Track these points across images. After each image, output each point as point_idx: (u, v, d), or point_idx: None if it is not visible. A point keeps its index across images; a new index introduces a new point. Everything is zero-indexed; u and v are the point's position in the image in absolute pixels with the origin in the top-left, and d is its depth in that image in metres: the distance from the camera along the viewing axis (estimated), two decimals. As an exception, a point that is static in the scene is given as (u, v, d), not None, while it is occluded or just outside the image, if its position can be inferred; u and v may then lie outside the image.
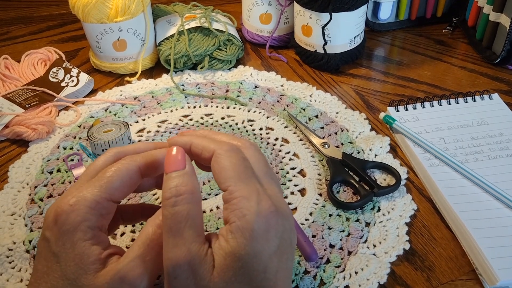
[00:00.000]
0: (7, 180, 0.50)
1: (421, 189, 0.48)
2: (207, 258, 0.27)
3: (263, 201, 0.28)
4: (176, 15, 0.69)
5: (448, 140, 0.52)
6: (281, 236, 0.28)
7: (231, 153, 0.30)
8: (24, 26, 0.81)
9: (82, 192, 0.29)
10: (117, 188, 0.30)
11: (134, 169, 0.31)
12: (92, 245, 0.28)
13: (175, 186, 0.28)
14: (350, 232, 0.43)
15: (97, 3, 0.59)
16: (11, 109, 0.56)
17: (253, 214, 0.27)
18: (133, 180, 0.31)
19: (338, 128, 0.55)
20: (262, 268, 0.27)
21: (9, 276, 0.40)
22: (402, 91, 0.62)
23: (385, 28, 0.75)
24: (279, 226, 0.28)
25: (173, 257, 0.27)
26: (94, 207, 0.29)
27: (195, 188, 0.29)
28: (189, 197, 0.28)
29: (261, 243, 0.27)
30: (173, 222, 0.27)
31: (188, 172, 0.29)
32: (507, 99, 0.58)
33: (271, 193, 0.30)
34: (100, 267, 0.28)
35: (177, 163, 0.29)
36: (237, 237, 0.27)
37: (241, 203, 0.28)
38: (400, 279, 0.40)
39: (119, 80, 0.66)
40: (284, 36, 0.71)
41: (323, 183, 0.48)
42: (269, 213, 0.28)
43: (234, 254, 0.27)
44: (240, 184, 0.28)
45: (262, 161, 0.32)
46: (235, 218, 0.27)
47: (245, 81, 0.64)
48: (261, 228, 0.27)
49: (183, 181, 0.28)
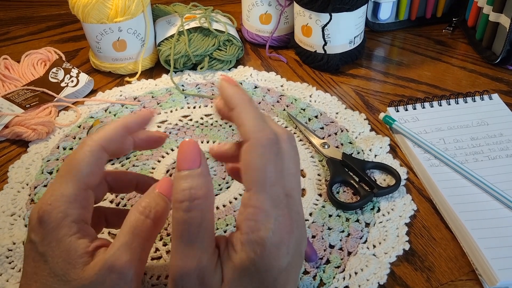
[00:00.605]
0: (7, 181, 0.50)
1: (421, 189, 0.48)
2: (217, 270, 0.27)
3: (280, 217, 0.27)
4: (176, 15, 0.69)
5: (448, 140, 0.52)
6: (293, 253, 0.28)
7: (266, 149, 0.27)
8: (24, 26, 0.81)
9: (57, 189, 0.29)
10: (88, 173, 0.30)
11: (97, 149, 0.30)
12: (78, 239, 0.28)
13: (189, 189, 0.26)
14: (350, 233, 0.43)
15: (97, 4, 0.59)
16: (11, 109, 0.56)
17: (267, 230, 0.26)
18: (100, 159, 0.31)
19: (338, 129, 0.55)
20: (271, 282, 0.27)
21: (9, 277, 0.40)
22: (402, 92, 0.62)
23: (385, 28, 0.75)
24: (291, 242, 0.27)
25: (182, 266, 0.26)
26: (73, 201, 0.29)
27: (210, 192, 0.27)
28: (203, 202, 0.27)
29: (272, 260, 0.26)
30: (185, 229, 0.26)
31: (203, 173, 0.27)
32: (507, 99, 0.58)
33: (293, 200, 0.28)
34: (88, 260, 0.28)
35: (191, 160, 0.27)
36: (247, 251, 0.26)
37: (258, 215, 0.26)
38: (400, 279, 0.40)
39: (119, 81, 0.66)
40: (284, 36, 0.71)
41: (323, 184, 0.48)
42: (284, 232, 0.27)
43: (243, 269, 0.26)
44: (262, 193, 0.27)
45: (294, 160, 0.30)
46: (248, 230, 0.26)
47: (245, 81, 0.64)
48: (273, 245, 0.26)
49: (198, 183, 0.27)
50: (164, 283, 0.39)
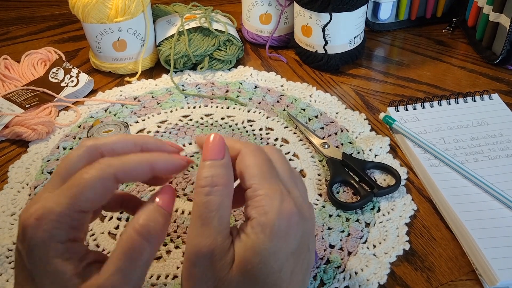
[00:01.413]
0: (7, 181, 0.50)
1: (421, 189, 0.48)
2: (229, 252, 0.27)
3: (285, 202, 0.28)
4: (176, 15, 0.69)
5: (448, 140, 0.52)
6: (300, 239, 0.28)
7: (256, 152, 0.30)
8: (24, 26, 0.81)
9: (49, 202, 0.27)
10: (89, 199, 0.27)
11: (109, 177, 0.27)
12: (65, 260, 0.26)
13: (211, 176, 0.28)
14: (350, 233, 0.43)
15: (97, 3, 0.59)
16: (11, 109, 0.56)
17: (275, 212, 0.27)
18: (107, 190, 0.28)
19: (338, 129, 0.55)
20: (278, 267, 0.27)
21: (8, 277, 0.40)
22: (402, 92, 0.62)
23: (385, 28, 0.75)
24: (299, 228, 0.28)
25: (197, 244, 0.27)
26: (62, 221, 0.26)
27: (230, 182, 0.29)
28: (223, 189, 0.28)
29: (280, 241, 0.27)
30: (203, 211, 0.27)
31: (225, 164, 0.29)
32: (507, 99, 0.58)
33: (295, 196, 0.29)
34: (78, 282, 0.26)
35: (216, 151, 0.29)
36: (258, 232, 0.27)
37: (264, 200, 0.28)
38: (400, 279, 0.40)
39: (119, 80, 0.66)
40: (284, 36, 0.71)
41: (323, 184, 0.48)
42: (290, 214, 0.28)
43: (254, 249, 0.27)
44: (264, 183, 0.28)
45: (286, 165, 0.32)
46: (256, 214, 0.27)
47: (245, 81, 0.64)
48: (281, 227, 0.27)
49: (220, 172, 0.28)
50: (164, 283, 0.39)
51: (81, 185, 0.27)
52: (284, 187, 0.29)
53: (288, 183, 0.30)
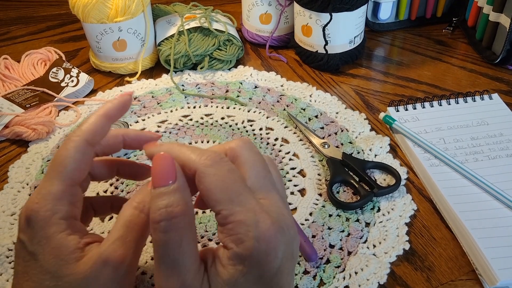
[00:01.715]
0: (7, 180, 0.50)
1: (421, 189, 0.48)
2: (203, 287, 0.26)
3: (260, 222, 0.26)
4: (176, 15, 0.69)
5: (448, 140, 0.52)
6: (282, 255, 0.27)
7: (213, 168, 0.27)
8: (24, 26, 0.81)
9: (44, 187, 0.29)
10: (73, 169, 0.29)
11: (82, 144, 0.29)
12: (68, 235, 0.28)
13: (165, 207, 0.25)
14: (350, 232, 0.43)
15: (97, 3, 0.59)
16: (11, 109, 0.56)
17: (251, 239, 0.25)
18: (86, 155, 0.30)
19: (338, 128, 0.55)
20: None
21: (9, 276, 0.40)
22: (402, 91, 0.62)
23: (385, 28, 0.75)
24: (280, 245, 0.26)
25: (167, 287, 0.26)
26: (61, 197, 0.28)
27: (188, 206, 0.26)
28: (182, 220, 0.25)
29: (261, 267, 0.26)
30: (165, 251, 0.25)
31: (179, 188, 0.26)
32: (507, 99, 0.58)
33: (270, 204, 0.27)
34: (80, 255, 0.27)
35: (166, 175, 0.26)
36: (236, 264, 0.26)
37: (237, 228, 0.26)
38: (400, 279, 0.40)
39: (119, 80, 0.66)
40: (284, 36, 0.71)
41: (323, 183, 0.48)
42: (268, 236, 0.26)
43: (233, 283, 0.26)
44: (232, 207, 0.26)
45: (258, 164, 0.29)
46: (232, 245, 0.26)
47: (245, 81, 0.64)
48: (261, 252, 0.25)
49: (174, 199, 0.26)
50: (164, 283, 0.39)
51: (62, 160, 0.29)
52: (256, 202, 0.27)
53: (262, 189, 0.28)
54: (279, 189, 0.30)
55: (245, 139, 0.31)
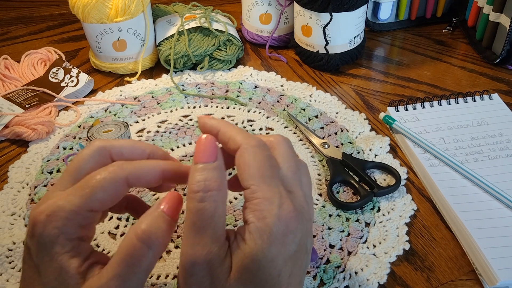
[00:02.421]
0: (7, 180, 0.50)
1: (421, 189, 0.48)
2: (226, 259, 0.27)
3: (284, 204, 0.27)
4: (176, 15, 0.69)
5: (448, 140, 0.52)
6: (299, 242, 0.28)
7: (257, 149, 0.29)
8: (24, 26, 0.81)
9: (60, 200, 0.27)
10: (100, 199, 0.28)
11: (121, 180, 0.28)
12: (70, 257, 0.27)
13: (204, 180, 0.27)
14: (350, 232, 0.43)
15: (97, 3, 0.59)
16: (11, 109, 0.56)
17: (273, 217, 0.27)
18: (118, 192, 0.29)
19: (338, 128, 0.55)
20: (276, 272, 0.27)
21: (9, 276, 0.40)
22: (402, 91, 0.62)
23: (385, 28, 0.75)
24: (297, 231, 0.28)
25: (193, 254, 0.26)
26: (72, 218, 0.27)
27: (224, 185, 0.28)
28: (216, 194, 0.27)
29: (278, 247, 0.27)
30: (198, 218, 0.27)
31: (218, 167, 0.28)
32: (507, 99, 0.58)
33: (295, 196, 0.29)
34: (80, 281, 0.27)
35: (208, 154, 0.28)
36: (255, 239, 0.26)
37: (262, 204, 0.27)
38: (400, 279, 0.40)
39: (119, 80, 0.66)
40: (284, 36, 0.71)
41: (323, 183, 0.48)
42: (289, 218, 0.27)
43: (252, 256, 0.26)
44: (262, 185, 0.27)
45: (292, 160, 0.30)
46: (254, 219, 0.27)
47: (245, 81, 0.64)
48: (279, 232, 0.27)
49: (212, 175, 0.27)
50: (164, 283, 0.39)
51: (93, 185, 0.28)
52: (284, 189, 0.28)
53: (291, 182, 0.29)
54: (305, 191, 0.30)
55: (285, 137, 0.32)
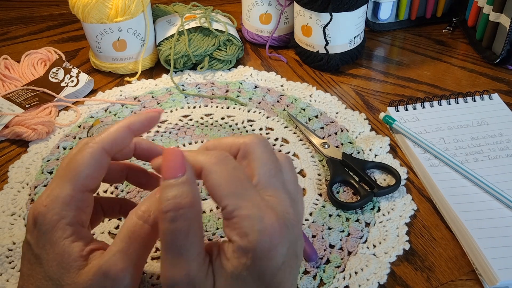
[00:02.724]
0: (7, 180, 0.50)
1: (421, 189, 0.48)
2: (208, 278, 0.26)
3: (265, 217, 0.26)
4: (176, 15, 0.69)
5: (448, 140, 0.52)
6: (286, 252, 0.27)
7: (219, 166, 0.27)
8: (24, 26, 0.81)
9: (54, 190, 0.28)
10: (87, 176, 0.29)
11: (98, 151, 0.29)
12: (72, 242, 0.28)
13: (173, 198, 0.26)
14: (350, 232, 0.43)
15: (97, 3, 0.59)
16: (11, 109, 0.56)
17: (255, 232, 0.26)
18: (101, 163, 0.29)
19: (338, 128, 0.55)
20: (265, 286, 0.27)
21: (9, 276, 0.40)
22: (402, 91, 0.62)
23: (385, 28, 0.75)
24: (284, 241, 0.27)
25: (171, 276, 0.26)
26: (69, 202, 0.28)
27: (196, 199, 0.27)
28: (189, 211, 0.26)
29: (264, 262, 0.26)
30: (172, 239, 0.26)
31: (188, 180, 0.27)
32: (507, 99, 0.58)
33: (276, 202, 0.28)
34: (83, 264, 0.27)
35: (175, 168, 0.27)
36: (239, 257, 0.26)
37: (242, 221, 0.26)
38: (400, 279, 0.40)
39: (119, 80, 0.66)
40: (284, 36, 0.71)
41: (323, 183, 0.48)
42: (272, 230, 0.26)
43: (236, 276, 0.26)
44: (238, 201, 0.26)
45: (270, 162, 0.29)
46: (236, 238, 0.26)
47: (245, 81, 0.64)
48: (264, 247, 0.26)
49: (183, 191, 0.26)
50: (164, 283, 0.39)
51: (76, 166, 0.29)
52: (261, 199, 0.27)
53: (270, 187, 0.28)
54: (290, 190, 0.29)
55: (260, 136, 0.31)
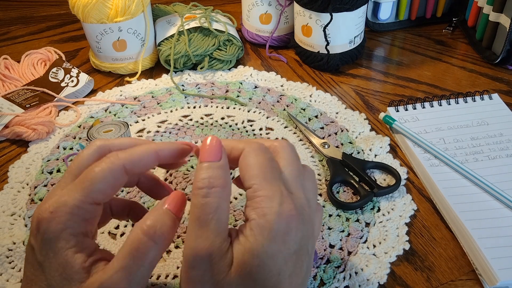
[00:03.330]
0: (7, 180, 0.50)
1: (421, 189, 0.48)
2: (228, 254, 0.27)
3: (285, 203, 0.28)
4: (176, 15, 0.69)
5: (448, 140, 0.52)
6: (299, 242, 0.28)
7: (259, 151, 0.30)
8: (24, 26, 0.81)
9: (63, 196, 0.28)
10: (100, 190, 0.28)
11: (118, 168, 0.29)
12: (75, 253, 0.27)
13: (208, 178, 0.28)
14: (350, 232, 0.43)
15: (97, 3, 0.59)
16: (11, 109, 0.56)
17: (274, 214, 0.27)
18: (117, 180, 0.29)
19: (338, 128, 0.55)
20: (276, 270, 0.27)
21: (9, 276, 0.40)
22: (402, 91, 0.62)
23: (385, 28, 0.75)
24: (298, 230, 0.28)
25: (195, 247, 0.27)
26: (76, 213, 0.28)
27: (227, 183, 0.29)
28: (220, 191, 0.28)
29: (278, 244, 0.27)
30: (201, 212, 0.27)
31: (222, 166, 0.29)
32: (507, 99, 0.58)
33: (296, 197, 0.29)
34: (84, 276, 0.27)
35: (213, 153, 0.29)
36: (256, 234, 0.27)
37: (263, 202, 0.28)
38: (400, 279, 0.40)
39: (119, 80, 0.66)
40: (284, 36, 0.71)
41: (323, 183, 0.48)
42: (289, 216, 0.28)
43: (252, 251, 0.27)
44: (264, 183, 0.28)
45: (294, 164, 0.31)
46: (255, 216, 0.27)
47: (245, 81, 0.64)
48: (280, 229, 0.27)
49: (217, 174, 0.28)
50: (164, 283, 0.39)
51: (92, 177, 0.28)
52: (285, 189, 0.29)
53: (292, 184, 0.30)
54: (309, 197, 0.31)
55: (289, 143, 0.33)
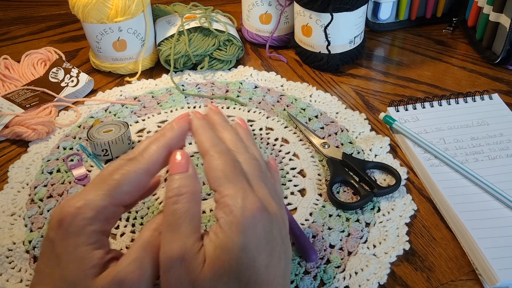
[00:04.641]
0: (7, 180, 0.50)
1: (421, 189, 0.48)
2: (200, 252, 0.28)
3: (249, 198, 0.29)
4: (176, 15, 0.69)
5: (448, 140, 0.52)
6: (269, 232, 0.29)
7: (221, 155, 0.31)
8: (24, 26, 0.81)
9: (90, 195, 0.29)
10: (126, 192, 0.30)
11: (143, 172, 0.31)
12: (94, 249, 0.28)
13: (177, 187, 0.29)
14: (350, 233, 0.43)
15: (97, 3, 0.59)
16: (11, 109, 0.56)
17: (239, 209, 0.28)
18: (142, 183, 0.31)
19: (338, 128, 0.55)
20: (250, 262, 0.28)
21: (9, 277, 0.40)
22: (402, 91, 0.62)
23: (385, 28, 0.75)
24: (265, 222, 0.29)
25: (168, 250, 0.28)
26: (101, 211, 0.29)
27: (196, 189, 0.30)
28: (189, 196, 0.29)
29: (248, 236, 0.28)
30: (172, 218, 0.29)
31: (190, 175, 0.30)
32: (507, 99, 0.58)
33: (260, 193, 0.31)
34: (100, 271, 0.28)
35: (181, 166, 0.31)
36: (226, 231, 0.28)
37: (228, 200, 0.29)
38: (400, 279, 0.40)
39: (119, 80, 0.66)
40: (284, 36, 0.71)
41: (323, 183, 0.48)
42: (255, 209, 0.29)
43: (222, 247, 0.28)
44: (227, 184, 0.30)
45: (255, 166, 0.32)
46: (223, 214, 0.29)
47: (245, 81, 0.64)
48: (247, 222, 0.28)
49: (185, 182, 0.30)
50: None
51: (119, 179, 0.30)
52: (248, 185, 0.30)
53: (254, 182, 0.31)
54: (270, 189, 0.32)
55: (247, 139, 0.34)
